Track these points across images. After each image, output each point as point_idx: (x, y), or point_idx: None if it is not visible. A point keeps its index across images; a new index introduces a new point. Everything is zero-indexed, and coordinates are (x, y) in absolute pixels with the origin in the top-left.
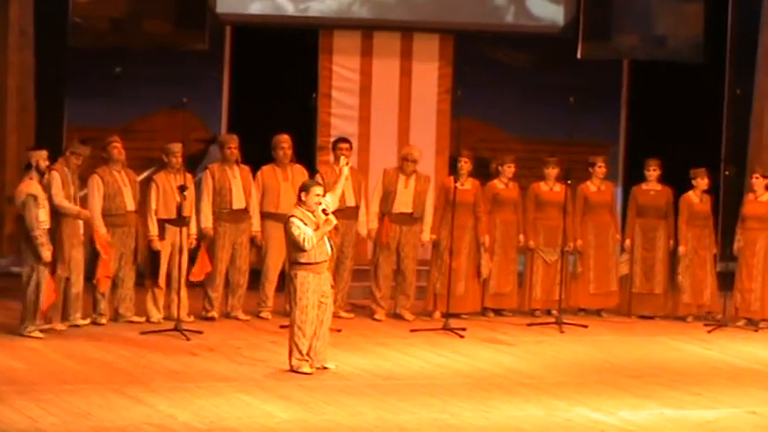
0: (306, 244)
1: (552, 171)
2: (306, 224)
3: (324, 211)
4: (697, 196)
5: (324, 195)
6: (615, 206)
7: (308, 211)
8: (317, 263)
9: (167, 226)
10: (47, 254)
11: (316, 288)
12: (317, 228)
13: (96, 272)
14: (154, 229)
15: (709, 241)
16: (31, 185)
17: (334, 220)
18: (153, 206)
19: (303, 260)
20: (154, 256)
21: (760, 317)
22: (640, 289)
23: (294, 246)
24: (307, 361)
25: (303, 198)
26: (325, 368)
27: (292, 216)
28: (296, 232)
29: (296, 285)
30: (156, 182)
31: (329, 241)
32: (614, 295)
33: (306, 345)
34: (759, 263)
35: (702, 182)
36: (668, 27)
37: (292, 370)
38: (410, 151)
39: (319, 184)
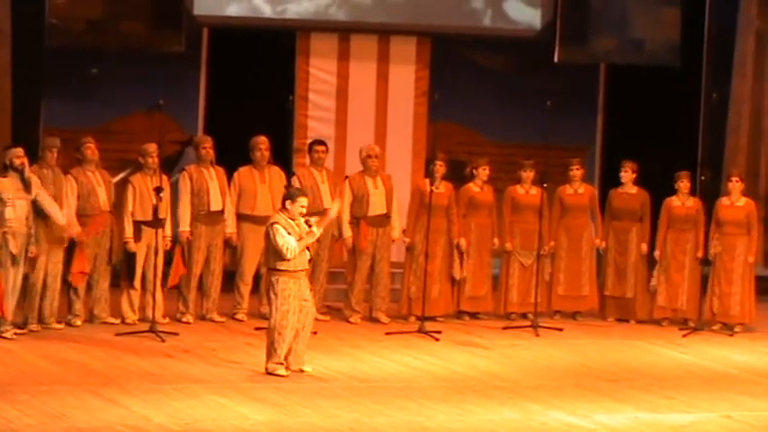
0: (288, 254)
1: (528, 174)
2: (289, 233)
3: (307, 221)
4: (679, 200)
5: (305, 207)
6: (597, 209)
7: (291, 219)
8: (297, 271)
9: (143, 227)
10: None
11: (296, 293)
12: (300, 238)
13: (71, 267)
14: (129, 230)
15: (690, 246)
16: None
17: (317, 233)
18: (129, 208)
19: (282, 267)
20: (129, 257)
21: (739, 321)
22: (612, 292)
23: (275, 253)
24: (282, 364)
25: (288, 206)
26: (302, 371)
27: (275, 223)
28: (280, 241)
29: (277, 291)
30: (133, 183)
31: (308, 251)
32: (587, 299)
33: (284, 350)
34: (738, 267)
35: (682, 185)
36: (645, 31)
37: (268, 373)
38: (372, 148)
39: (305, 196)
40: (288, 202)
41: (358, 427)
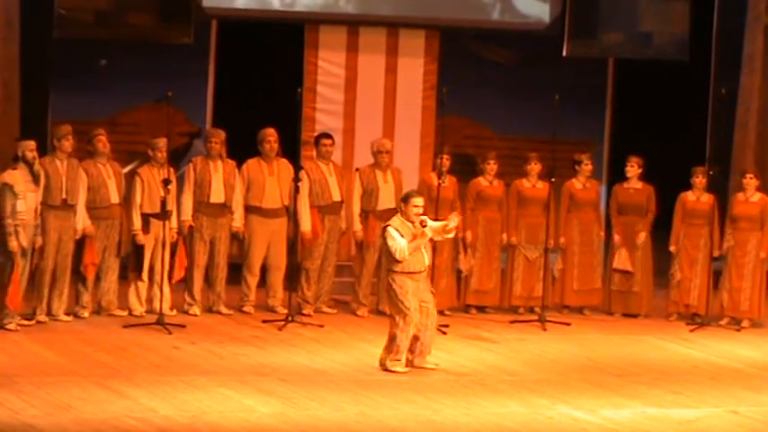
0: (397, 254)
1: (534, 167)
2: (402, 234)
3: (422, 222)
4: (694, 195)
5: (419, 206)
6: (600, 204)
7: (408, 221)
8: (413, 272)
9: (151, 220)
10: (13, 244)
11: (415, 291)
12: (414, 238)
13: (83, 259)
14: (138, 222)
15: (703, 241)
16: (10, 175)
17: (429, 234)
18: (137, 200)
19: (398, 269)
20: (137, 249)
21: (749, 316)
22: (619, 287)
23: (388, 254)
24: (399, 361)
25: (403, 208)
26: (424, 368)
27: (389, 225)
28: (390, 243)
29: (395, 290)
30: (141, 176)
31: (427, 252)
32: (598, 292)
33: (406, 347)
34: (750, 263)
35: (698, 180)
36: (654, 25)
37: (385, 369)
38: (383, 143)
39: (419, 195)
40: (402, 205)
41: (364, 420)
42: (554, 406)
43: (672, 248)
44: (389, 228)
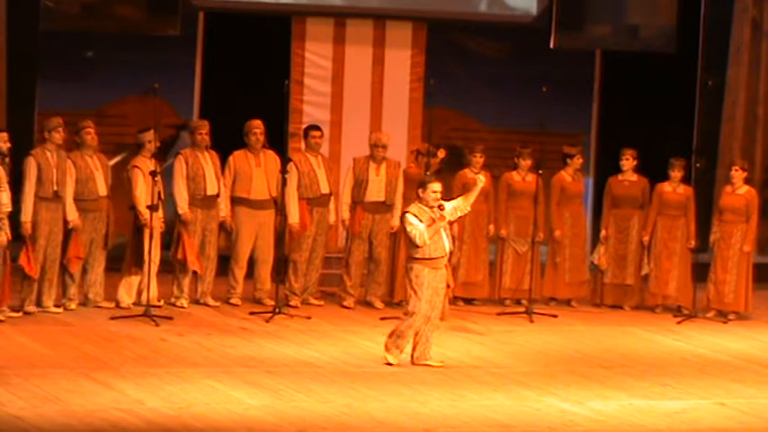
0: (417, 239)
1: (526, 162)
2: (421, 220)
3: (440, 206)
4: (671, 186)
5: (438, 192)
6: (585, 196)
7: (426, 206)
8: (432, 258)
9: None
10: (1, 238)
11: (431, 282)
12: (433, 222)
13: (67, 252)
14: (142, 206)
15: (681, 233)
16: None
17: (447, 217)
18: (137, 192)
19: (418, 255)
20: (138, 241)
21: (733, 309)
22: (612, 279)
23: (409, 241)
24: (400, 351)
25: (420, 194)
26: (428, 365)
27: (407, 212)
28: (408, 228)
29: (411, 278)
30: (140, 167)
31: (448, 238)
32: (587, 284)
33: (410, 340)
34: (734, 255)
35: (672, 173)
36: (641, 17)
37: (386, 352)
38: (380, 137)
39: (438, 181)
40: (420, 191)
41: (351, 412)
42: (541, 398)
43: (645, 239)
44: (407, 214)
